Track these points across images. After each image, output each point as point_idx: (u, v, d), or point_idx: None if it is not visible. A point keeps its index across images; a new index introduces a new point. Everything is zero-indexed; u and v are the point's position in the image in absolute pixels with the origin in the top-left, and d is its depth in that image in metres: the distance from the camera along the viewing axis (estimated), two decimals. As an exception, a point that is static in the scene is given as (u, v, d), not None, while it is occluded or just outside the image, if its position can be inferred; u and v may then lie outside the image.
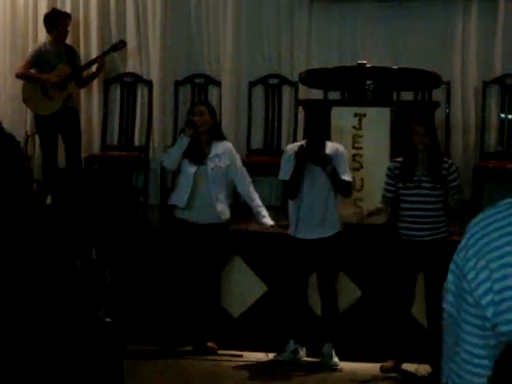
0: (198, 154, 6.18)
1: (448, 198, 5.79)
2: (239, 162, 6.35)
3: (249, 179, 6.37)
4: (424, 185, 5.75)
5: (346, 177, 5.99)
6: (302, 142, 6.14)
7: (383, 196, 5.92)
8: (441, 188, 5.74)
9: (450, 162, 5.92)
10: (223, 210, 6.19)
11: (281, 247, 6.23)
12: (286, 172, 6.06)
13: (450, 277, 1.49)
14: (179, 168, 6.23)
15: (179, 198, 6.19)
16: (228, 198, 6.31)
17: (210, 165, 6.15)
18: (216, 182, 6.15)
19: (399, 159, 5.89)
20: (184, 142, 6.17)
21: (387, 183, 5.89)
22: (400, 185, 5.80)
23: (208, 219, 6.14)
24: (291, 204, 6.08)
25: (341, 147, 6.07)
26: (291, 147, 6.20)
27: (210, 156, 6.18)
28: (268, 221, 6.25)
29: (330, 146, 6.03)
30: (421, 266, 5.80)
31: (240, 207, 7.93)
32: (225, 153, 6.22)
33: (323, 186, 5.97)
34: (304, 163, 5.93)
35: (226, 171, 6.21)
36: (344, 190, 6.03)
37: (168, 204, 6.45)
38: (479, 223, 1.46)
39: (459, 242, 1.50)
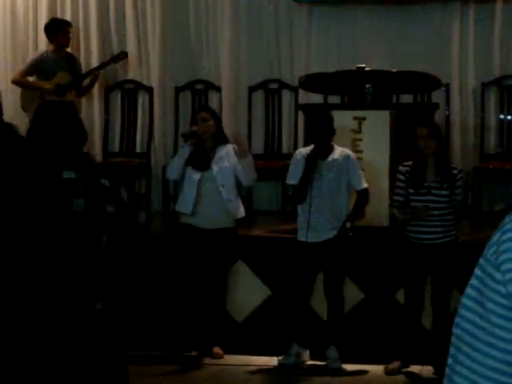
0: (202, 160, 6.19)
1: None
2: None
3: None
4: (434, 191, 5.73)
5: (363, 185, 5.95)
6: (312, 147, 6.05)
7: (395, 201, 5.85)
8: (450, 194, 5.70)
9: (459, 169, 5.88)
10: (238, 208, 6.23)
11: (285, 251, 6.24)
12: (293, 176, 6.03)
13: (476, 271, 1.54)
14: (183, 175, 6.25)
15: (185, 204, 6.20)
16: (239, 196, 6.32)
17: (215, 168, 6.17)
18: (225, 183, 6.16)
19: (409, 163, 5.83)
20: (185, 151, 6.19)
21: (399, 187, 5.84)
22: (411, 190, 5.77)
23: (215, 224, 6.15)
24: (300, 208, 6.04)
25: (352, 154, 6.02)
26: (300, 151, 6.16)
27: (215, 159, 6.20)
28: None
29: (340, 152, 5.98)
30: (429, 269, 5.77)
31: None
32: (228, 154, 6.22)
33: (331, 190, 5.93)
34: (314, 167, 5.91)
35: (234, 170, 6.21)
36: (364, 201, 6.01)
37: (174, 210, 6.46)
38: None
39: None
